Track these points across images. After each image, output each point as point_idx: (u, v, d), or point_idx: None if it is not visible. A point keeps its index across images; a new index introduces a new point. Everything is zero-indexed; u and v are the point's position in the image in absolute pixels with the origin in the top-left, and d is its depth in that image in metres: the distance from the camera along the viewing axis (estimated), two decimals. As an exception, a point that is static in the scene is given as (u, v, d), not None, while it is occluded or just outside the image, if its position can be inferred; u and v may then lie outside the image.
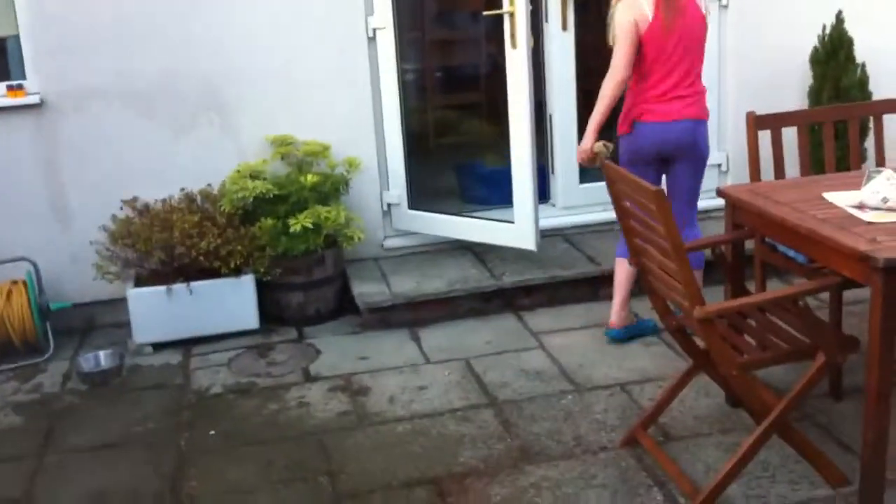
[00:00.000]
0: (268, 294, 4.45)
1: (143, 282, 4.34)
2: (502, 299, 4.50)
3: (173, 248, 4.23)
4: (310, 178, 4.35)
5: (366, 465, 3.22)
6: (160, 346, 4.31)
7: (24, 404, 3.88)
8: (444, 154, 6.22)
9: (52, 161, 4.46)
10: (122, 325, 4.39)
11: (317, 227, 4.31)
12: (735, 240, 3.27)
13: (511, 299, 4.50)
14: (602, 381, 3.73)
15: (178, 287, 4.25)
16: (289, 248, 4.36)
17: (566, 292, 4.52)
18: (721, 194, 3.28)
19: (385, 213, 4.91)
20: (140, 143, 4.50)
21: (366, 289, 4.49)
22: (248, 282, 4.33)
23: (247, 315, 4.37)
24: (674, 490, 2.95)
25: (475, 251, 4.85)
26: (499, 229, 4.63)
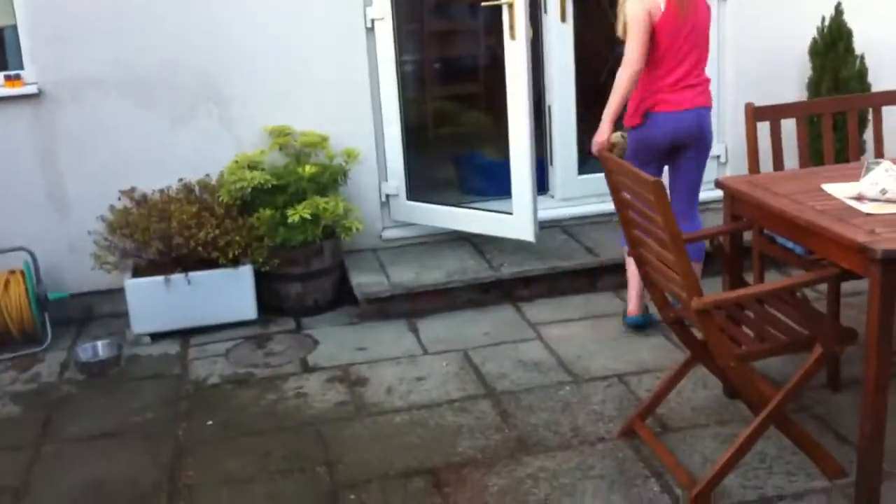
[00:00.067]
0: (266, 285, 4.45)
1: (141, 272, 4.34)
2: (501, 290, 4.50)
3: (171, 239, 4.23)
4: (308, 169, 4.35)
5: (363, 456, 3.23)
6: (158, 337, 4.31)
7: (21, 394, 3.88)
8: (443, 145, 6.20)
9: (50, 151, 4.46)
10: (120, 315, 4.40)
11: (315, 218, 4.31)
12: (733, 231, 3.26)
13: (509, 290, 4.50)
14: (600, 372, 3.74)
15: (177, 277, 4.25)
16: (287, 239, 4.36)
17: (564, 283, 4.52)
18: (720, 186, 3.28)
19: (383, 204, 4.90)
20: (138, 133, 4.50)
21: (364, 279, 4.49)
22: (246, 272, 4.33)
23: (245, 305, 4.37)
24: (671, 481, 2.95)
25: (474, 242, 4.84)
26: (497, 220, 4.63)
